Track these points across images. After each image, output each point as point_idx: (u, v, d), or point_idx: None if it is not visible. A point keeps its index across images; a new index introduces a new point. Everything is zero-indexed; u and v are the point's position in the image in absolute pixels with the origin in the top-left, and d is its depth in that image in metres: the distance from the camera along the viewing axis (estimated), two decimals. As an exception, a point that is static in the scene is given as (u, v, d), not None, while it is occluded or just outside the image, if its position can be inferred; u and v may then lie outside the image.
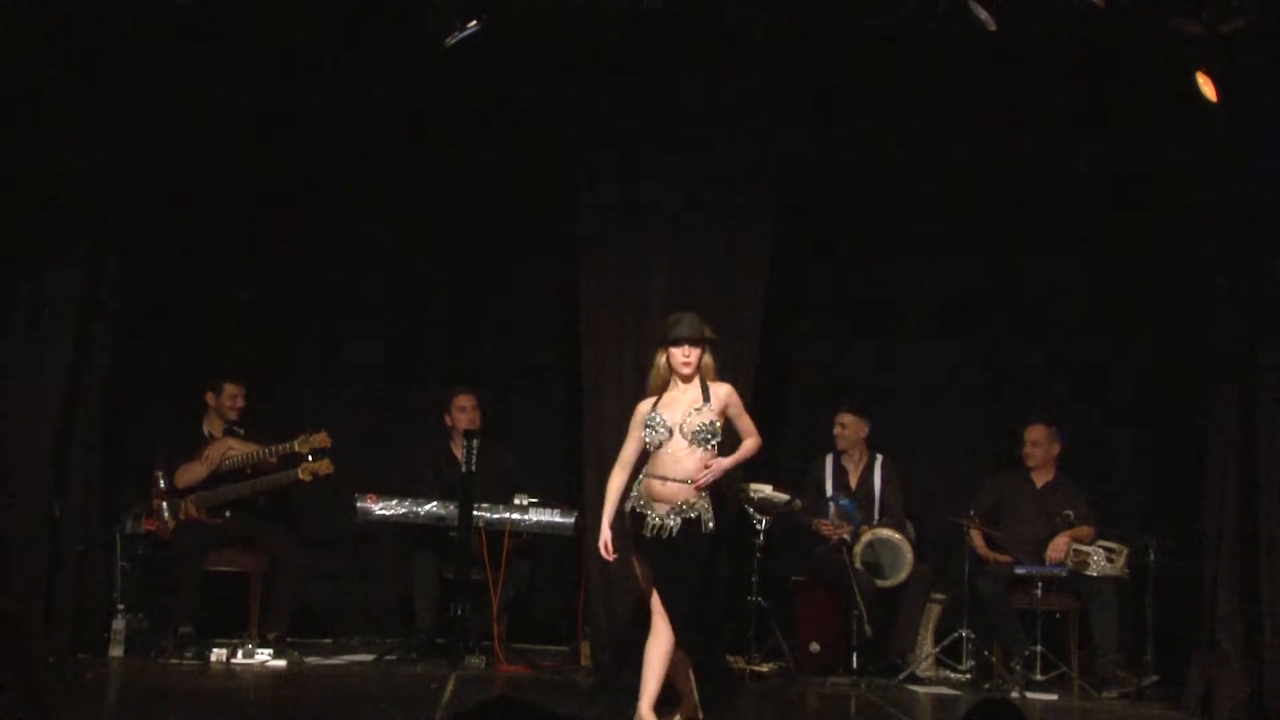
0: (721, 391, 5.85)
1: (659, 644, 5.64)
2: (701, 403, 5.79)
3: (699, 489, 5.72)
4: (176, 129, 7.54)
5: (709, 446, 5.75)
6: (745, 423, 5.96)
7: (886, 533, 7.65)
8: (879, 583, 7.52)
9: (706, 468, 5.73)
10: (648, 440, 5.77)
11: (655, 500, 5.73)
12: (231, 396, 7.48)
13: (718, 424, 5.79)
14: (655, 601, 5.68)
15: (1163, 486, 7.96)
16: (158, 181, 7.66)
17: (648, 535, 5.72)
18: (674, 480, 5.71)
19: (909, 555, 7.59)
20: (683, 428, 5.73)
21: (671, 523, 5.69)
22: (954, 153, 7.90)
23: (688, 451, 5.72)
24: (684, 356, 5.78)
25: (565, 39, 7.08)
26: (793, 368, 8.42)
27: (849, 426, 7.88)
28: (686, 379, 5.81)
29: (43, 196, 6.91)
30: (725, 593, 7.20)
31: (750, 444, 5.99)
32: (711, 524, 5.77)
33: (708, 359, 5.84)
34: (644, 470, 5.82)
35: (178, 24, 6.86)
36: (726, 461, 5.84)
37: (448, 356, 8.28)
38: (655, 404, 5.83)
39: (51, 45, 6.80)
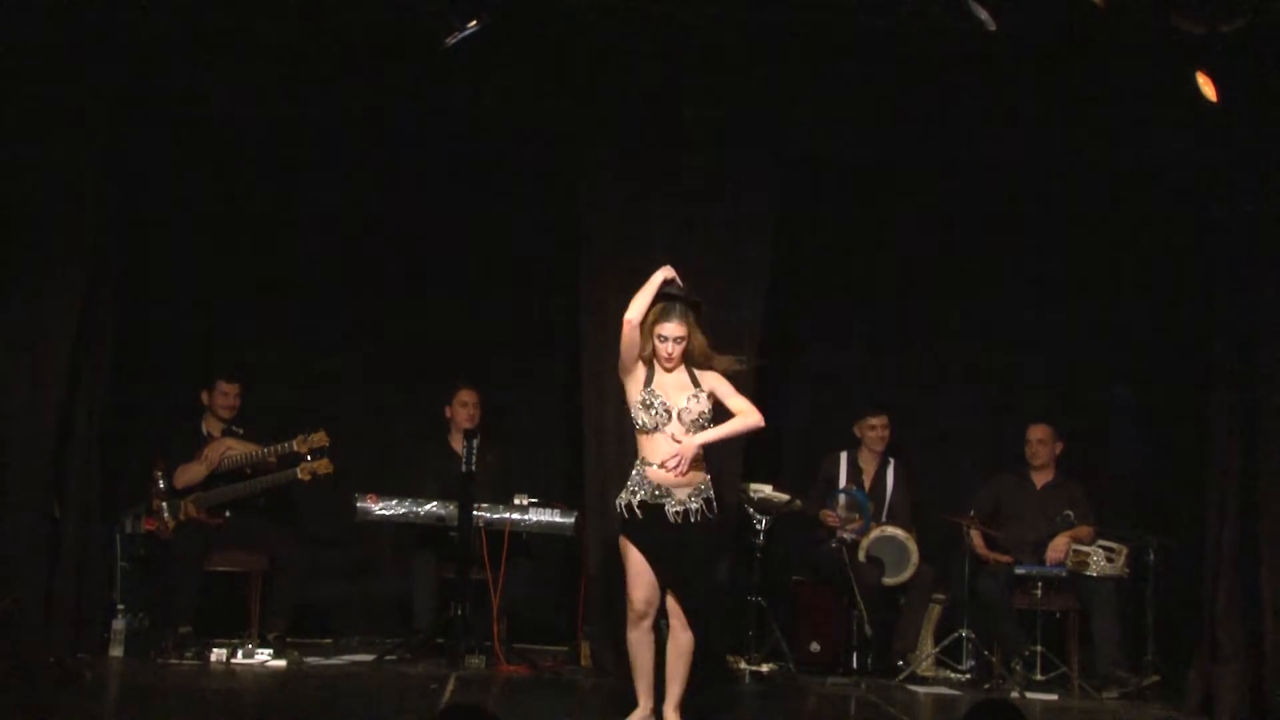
0: (709, 378, 5.68)
1: (679, 647, 5.59)
2: (694, 388, 5.64)
3: (668, 470, 5.52)
4: (175, 129, 7.54)
5: (703, 427, 5.61)
6: (738, 402, 5.69)
7: (893, 529, 7.65)
8: (884, 580, 7.52)
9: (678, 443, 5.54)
10: (644, 421, 5.58)
11: (675, 486, 5.56)
12: (224, 394, 7.47)
13: (710, 413, 5.64)
14: (677, 605, 5.58)
15: (1163, 486, 7.96)
16: (157, 181, 7.65)
17: (674, 523, 5.54)
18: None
19: (915, 555, 7.58)
20: (682, 415, 5.59)
21: (695, 505, 5.58)
22: (954, 152, 7.92)
23: (683, 432, 5.57)
24: (666, 351, 5.62)
25: (565, 39, 7.08)
26: (794, 367, 8.42)
27: (887, 427, 7.87)
28: (669, 370, 5.67)
29: (41, 197, 6.90)
30: (725, 592, 7.21)
31: (740, 420, 5.66)
32: (715, 505, 5.71)
33: (699, 338, 5.67)
34: (643, 459, 5.61)
35: (177, 24, 6.87)
36: (703, 436, 5.57)
37: (448, 356, 8.27)
38: (646, 380, 5.64)
39: (51, 46, 6.79)
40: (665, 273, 5.67)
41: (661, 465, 5.55)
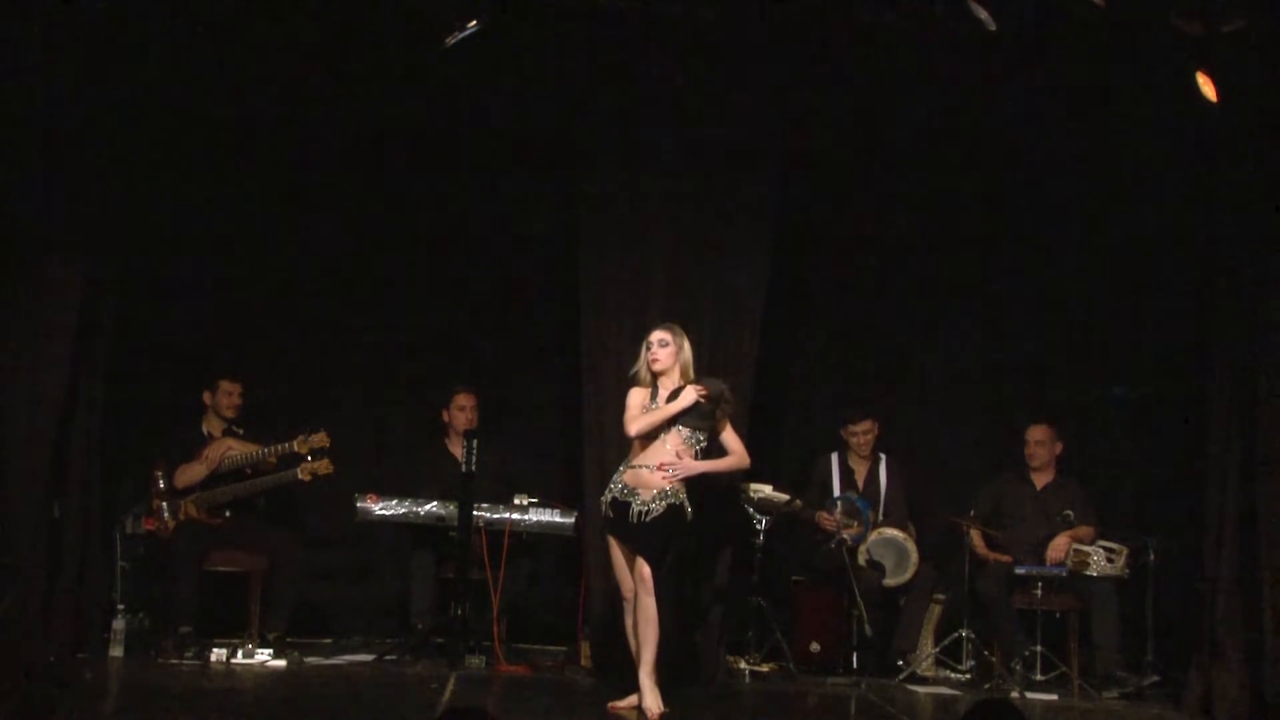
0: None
1: (642, 613, 6.01)
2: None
3: (663, 474, 6.07)
4: (176, 128, 7.54)
5: (697, 449, 6.17)
6: (731, 440, 6.35)
7: (891, 531, 7.65)
8: (885, 582, 7.52)
9: (679, 457, 6.10)
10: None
11: (640, 488, 6.09)
12: (227, 394, 7.47)
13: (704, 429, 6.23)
14: (639, 571, 6.02)
15: (1163, 486, 7.96)
16: (157, 181, 7.65)
17: (633, 522, 6.05)
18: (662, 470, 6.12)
19: (914, 555, 7.58)
20: (681, 426, 6.12)
21: (656, 507, 6.05)
22: (953, 151, 7.92)
23: (682, 447, 6.13)
24: (652, 355, 6.22)
25: (565, 39, 7.08)
26: (793, 366, 8.42)
27: (871, 431, 7.88)
28: (659, 374, 6.22)
29: (42, 197, 6.90)
30: (725, 593, 7.21)
31: (731, 459, 6.37)
32: (690, 514, 6.17)
33: (688, 355, 6.26)
34: (628, 461, 6.20)
35: (178, 23, 6.86)
36: (699, 464, 6.18)
37: (448, 356, 8.28)
38: (652, 395, 6.22)
39: (52, 44, 6.80)
40: (686, 400, 6.12)
41: (660, 467, 6.08)
